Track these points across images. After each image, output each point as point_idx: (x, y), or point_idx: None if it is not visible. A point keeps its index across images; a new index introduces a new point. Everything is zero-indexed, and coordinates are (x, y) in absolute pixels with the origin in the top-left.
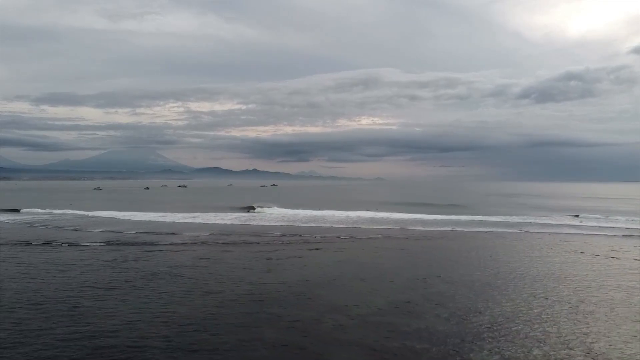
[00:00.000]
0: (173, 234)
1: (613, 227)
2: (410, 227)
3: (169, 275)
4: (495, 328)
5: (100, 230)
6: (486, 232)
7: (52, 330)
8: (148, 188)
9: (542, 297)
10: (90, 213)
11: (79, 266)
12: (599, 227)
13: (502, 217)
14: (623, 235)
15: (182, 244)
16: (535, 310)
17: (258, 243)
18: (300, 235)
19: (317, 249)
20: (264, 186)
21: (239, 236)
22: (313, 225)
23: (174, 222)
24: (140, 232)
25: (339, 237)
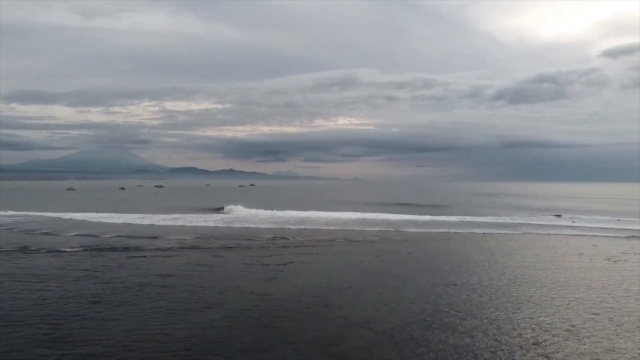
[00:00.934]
0: (156, 237)
1: (607, 228)
2: (404, 229)
3: (160, 286)
4: (541, 343)
5: (76, 233)
6: (484, 233)
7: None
8: (123, 188)
9: (577, 307)
10: (64, 215)
11: (57, 276)
12: (595, 227)
13: (491, 217)
14: (626, 237)
15: (168, 249)
16: (577, 323)
17: (250, 247)
18: (293, 238)
19: (316, 254)
20: (243, 186)
21: (228, 240)
22: (303, 227)
23: (154, 224)
24: (121, 236)
25: (334, 240)
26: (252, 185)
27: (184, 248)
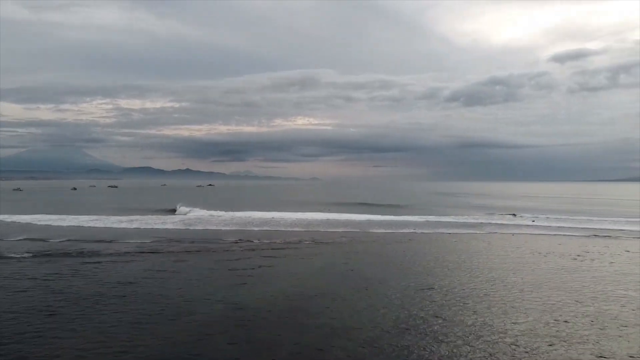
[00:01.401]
0: (111, 241)
1: (567, 227)
2: (371, 230)
3: (120, 296)
4: (530, 351)
5: (23, 237)
6: (449, 233)
7: None
8: (75, 189)
9: (557, 311)
10: (8, 217)
11: (2, 287)
12: (554, 227)
13: (453, 217)
14: (587, 236)
15: (125, 253)
16: (561, 328)
17: (215, 251)
18: (258, 240)
19: (284, 257)
20: (201, 186)
21: (189, 243)
22: (267, 228)
23: (110, 226)
24: (74, 240)
25: (301, 242)
26: (210, 185)
27: (143, 252)
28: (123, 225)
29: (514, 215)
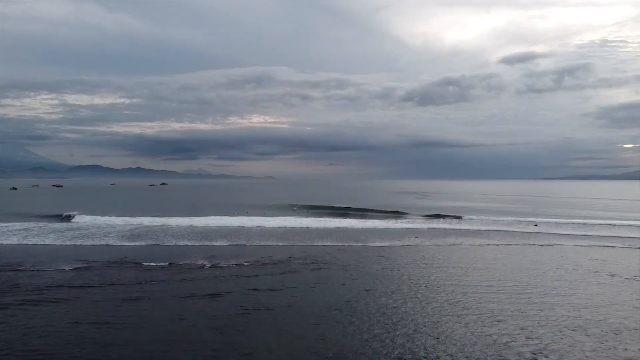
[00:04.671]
0: (35, 267)
1: (582, 235)
2: (370, 243)
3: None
4: None
5: None
6: (462, 244)
7: None
8: (15, 188)
9: None
10: None
11: None
12: (569, 235)
13: (445, 222)
14: (631, 247)
15: (52, 288)
16: None
17: (181, 280)
18: (236, 261)
19: (281, 289)
20: (153, 185)
21: (139, 270)
22: (240, 242)
23: (36, 243)
24: None
25: (291, 261)
26: (163, 184)
27: (78, 286)
28: (50, 239)
29: (535, 224)
